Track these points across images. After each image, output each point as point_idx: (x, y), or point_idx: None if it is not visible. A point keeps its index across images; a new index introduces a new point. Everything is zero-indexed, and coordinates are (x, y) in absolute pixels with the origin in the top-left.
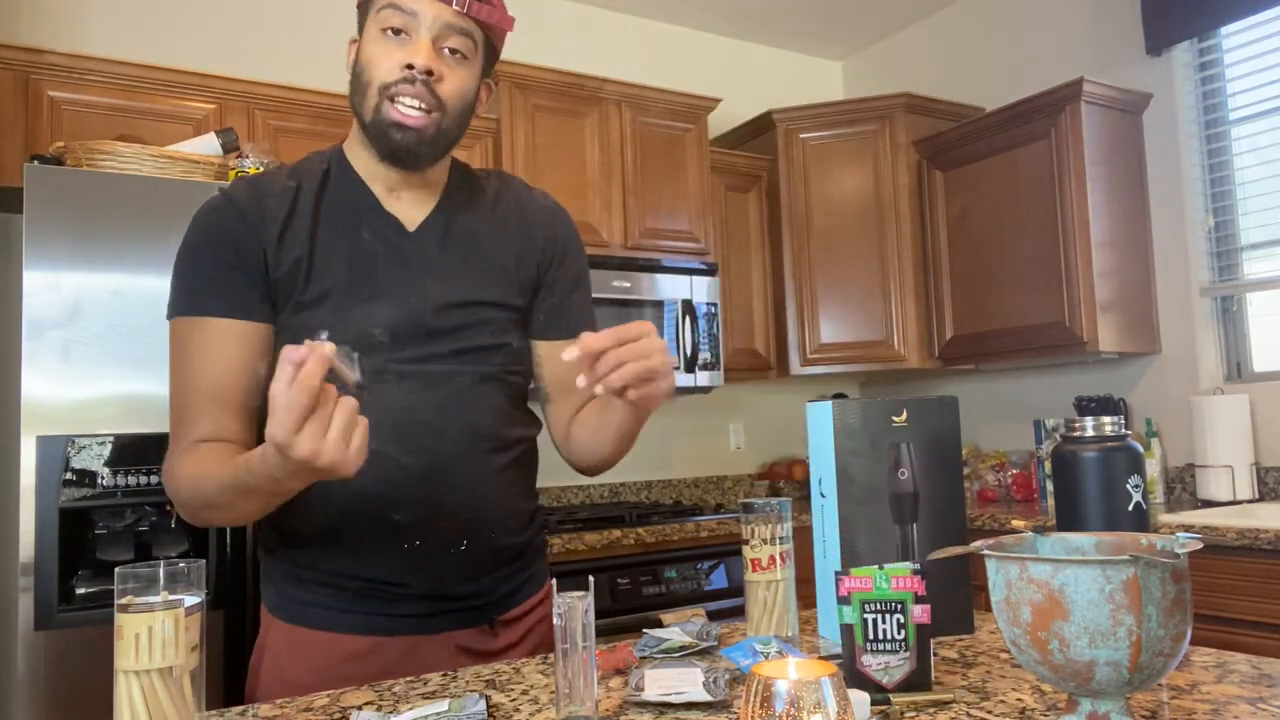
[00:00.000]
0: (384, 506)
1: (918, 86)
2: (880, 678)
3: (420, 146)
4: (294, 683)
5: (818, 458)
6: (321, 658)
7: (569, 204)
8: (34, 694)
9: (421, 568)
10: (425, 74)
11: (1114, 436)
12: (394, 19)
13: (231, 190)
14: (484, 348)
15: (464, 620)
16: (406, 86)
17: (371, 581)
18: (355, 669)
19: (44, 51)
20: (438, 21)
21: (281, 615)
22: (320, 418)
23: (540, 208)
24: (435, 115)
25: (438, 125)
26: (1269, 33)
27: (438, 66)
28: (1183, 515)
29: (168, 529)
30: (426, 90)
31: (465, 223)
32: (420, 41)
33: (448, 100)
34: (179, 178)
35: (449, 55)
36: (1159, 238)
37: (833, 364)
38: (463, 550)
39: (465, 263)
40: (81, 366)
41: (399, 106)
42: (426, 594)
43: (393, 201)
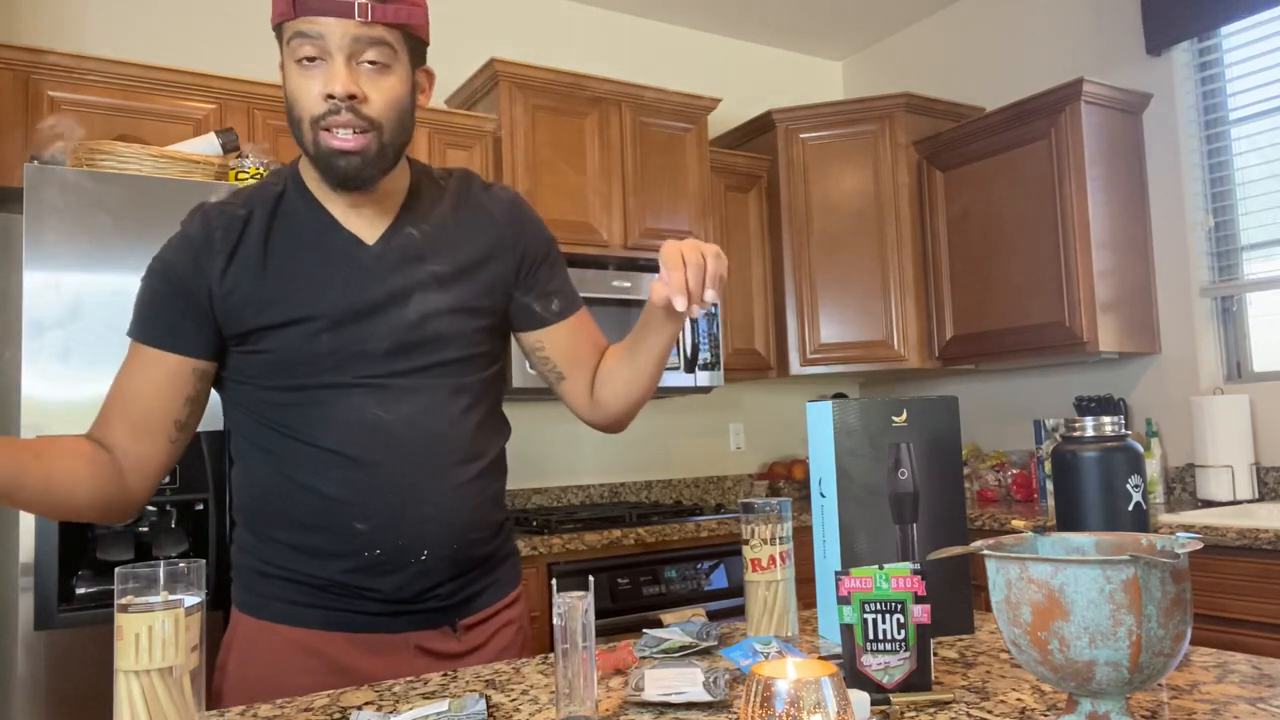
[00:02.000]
0: (348, 515)
1: (918, 86)
2: (880, 678)
3: (366, 168)
4: (256, 676)
5: (818, 458)
6: (285, 652)
7: (569, 204)
8: (34, 694)
9: (382, 574)
10: (348, 99)
11: (1114, 436)
12: (305, 48)
13: (186, 224)
14: (454, 359)
15: (425, 622)
16: (334, 117)
17: (336, 582)
18: (314, 662)
19: (44, 51)
20: (346, 38)
21: (247, 610)
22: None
23: (500, 202)
24: (370, 135)
25: (379, 142)
26: (1269, 33)
27: (358, 88)
28: (1183, 515)
29: (168, 529)
30: (354, 115)
31: (427, 230)
32: (335, 66)
33: (379, 116)
34: (179, 178)
35: (369, 69)
36: (1159, 238)
37: (833, 364)
38: (423, 559)
39: (429, 272)
40: (81, 366)
41: (333, 136)
42: (386, 598)
43: (351, 217)
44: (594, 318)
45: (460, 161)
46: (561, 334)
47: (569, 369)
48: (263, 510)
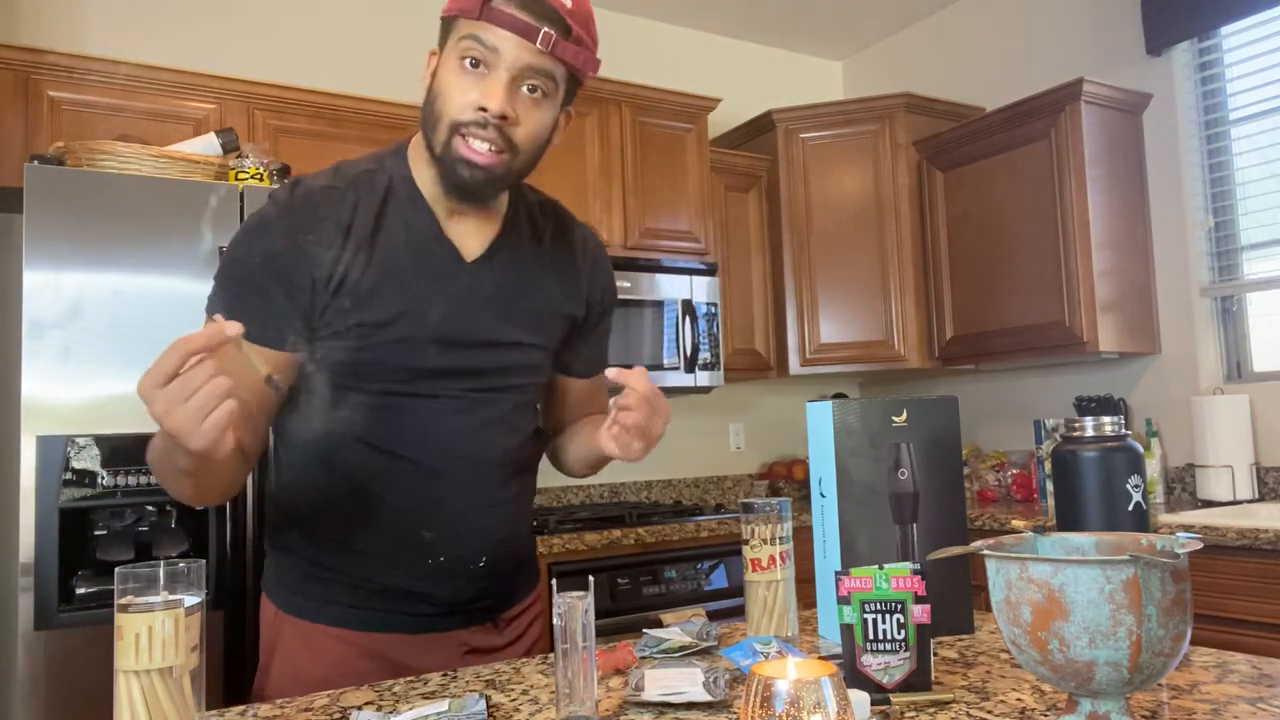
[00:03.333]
0: (417, 524)
1: (918, 86)
2: (880, 678)
3: (488, 186)
4: (308, 678)
5: (818, 458)
6: (336, 654)
7: (569, 204)
8: (34, 694)
9: (443, 580)
10: (499, 118)
11: (1114, 436)
12: (474, 50)
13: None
14: (524, 384)
15: (475, 619)
16: (478, 129)
17: (393, 588)
18: (369, 664)
19: (44, 51)
20: (519, 62)
21: (295, 612)
22: (184, 382)
23: (591, 254)
24: (505, 156)
25: (507, 166)
26: (1269, 33)
27: (512, 110)
28: (1183, 515)
29: (168, 529)
30: (498, 134)
31: (521, 261)
32: (497, 81)
33: (520, 143)
34: (179, 178)
35: (526, 94)
36: (1159, 238)
37: (833, 364)
38: (480, 566)
39: (516, 303)
40: (81, 366)
41: (468, 146)
42: (442, 601)
43: (453, 225)
44: None
45: None
46: (576, 388)
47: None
48: (322, 514)
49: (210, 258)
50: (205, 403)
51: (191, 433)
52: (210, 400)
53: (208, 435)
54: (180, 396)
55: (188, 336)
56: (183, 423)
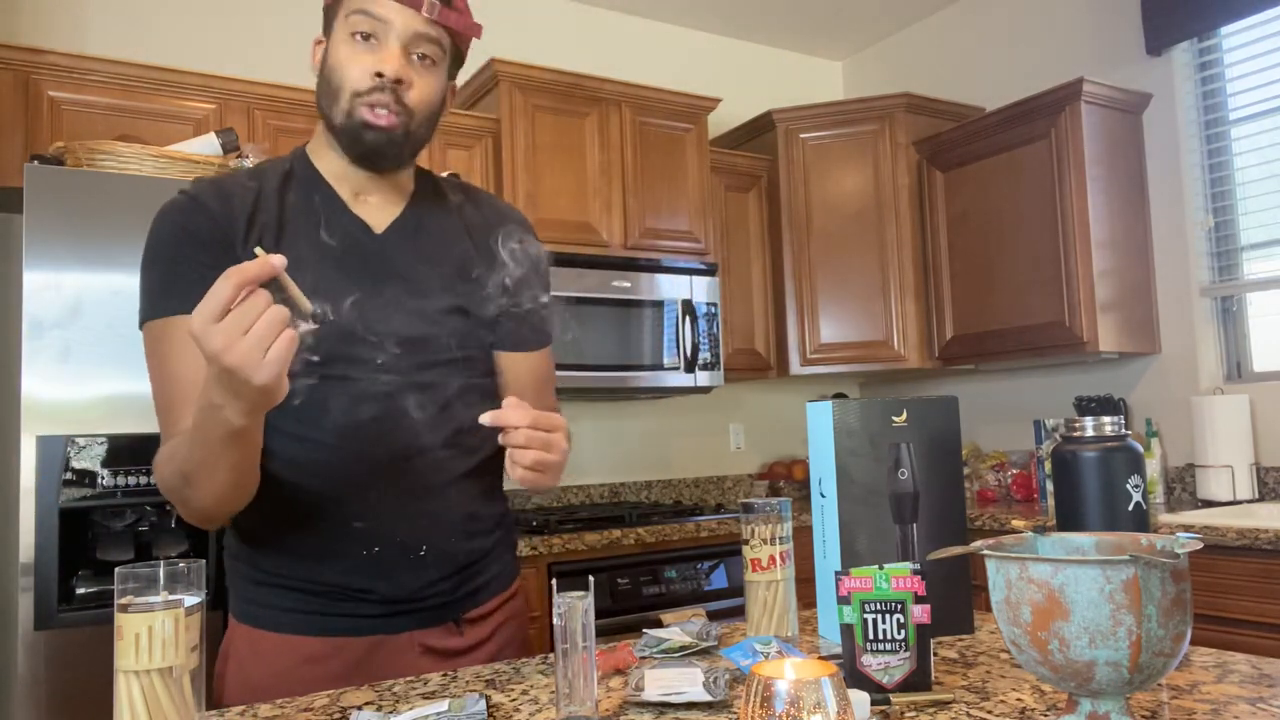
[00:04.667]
0: (344, 513)
1: (918, 86)
2: (880, 678)
3: (390, 147)
4: (256, 687)
5: (818, 458)
6: (283, 661)
7: (569, 204)
8: (34, 694)
9: (382, 573)
10: (395, 82)
11: (1114, 436)
12: (364, 24)
13: (194, 189)
14: (452, 359)
15: (428, 619)
16: (377, 95)
17: (333, 586)
18: (317, 670)
19: (44, 51)
20: (408, 30)
21: (244, 619)
22: (240, 313)
23: (506, 220)
24: (403, 119)
25: (406, 128)
26: (1269, 33)
27: (407, 74)
28: (1183, 515)
29: (168, 529)
30: (393, 98)
31: (432, 227)
32: (390, 49)
33: (415, 107)
34: (179, 178)
35: (418, 61)
36: (1159, 238)
37: (833, 364)
38: (422, 555)
39: (432, 268)
40: (81, 366)
41: (369, 110)
42: (388, 597)
43: (359, 204)
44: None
45: (460, 161)
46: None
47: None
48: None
49: None
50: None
51: (255, 366)
52: (270, 330)
53: (271, 368)
54: (238, 329)
55: (239, 267)
56: (244, 356)
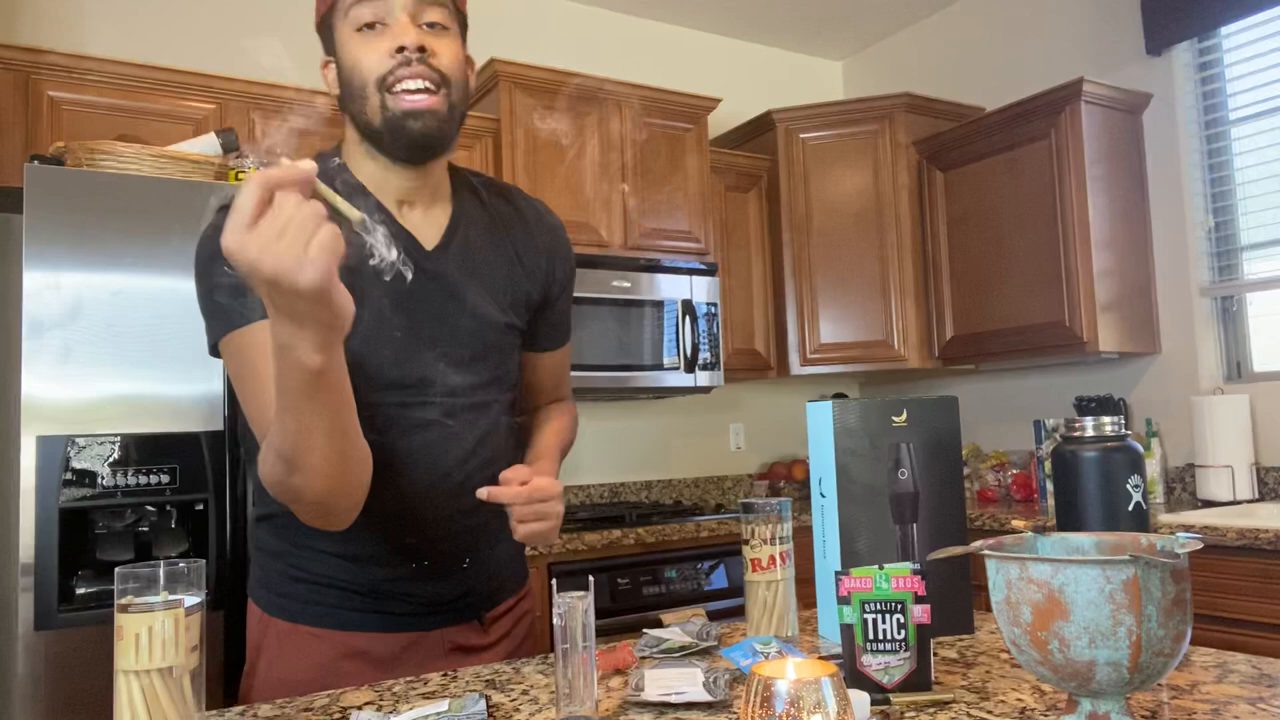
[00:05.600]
0: (400, 528)
1: (918, 86)
2: (880, 678)
3: (441, 128)
4: (292, 680)
5: (818, 458)
6: (320, 655)
7: (569, 204)
8: (34, 694)
9: (427, 581)
10: (418, 51)
11: (1114, 436)
12: (365, 13)
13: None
14: (501, 375)
15: (458, 617)
16: (404, 70)
17: (375, 589)
18: (353, 665)
19: (44, 51)
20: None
21: (278, 614)
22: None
23: (544, 226)
24: (444, 92)
25: (448, 101)
26: (1269, 33)
27: (428, 41)
28: (1183, 515)
29: (168, 529)
30: (426, 67)
31: (477, 240)
32: (400, 23)
33: (449, 72)
34: (179, 178)
35: (429, 30)
36: (1159, 238)
37: (833, 364)
38: (465, 567)
39: (483, 286)
40: (81, 366)
41: (404, 96)
42: (424, 600)
43: (406, 214)
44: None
45: (461, 161)
46: (544, 364)
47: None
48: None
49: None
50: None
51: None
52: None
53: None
54: (273, 232)
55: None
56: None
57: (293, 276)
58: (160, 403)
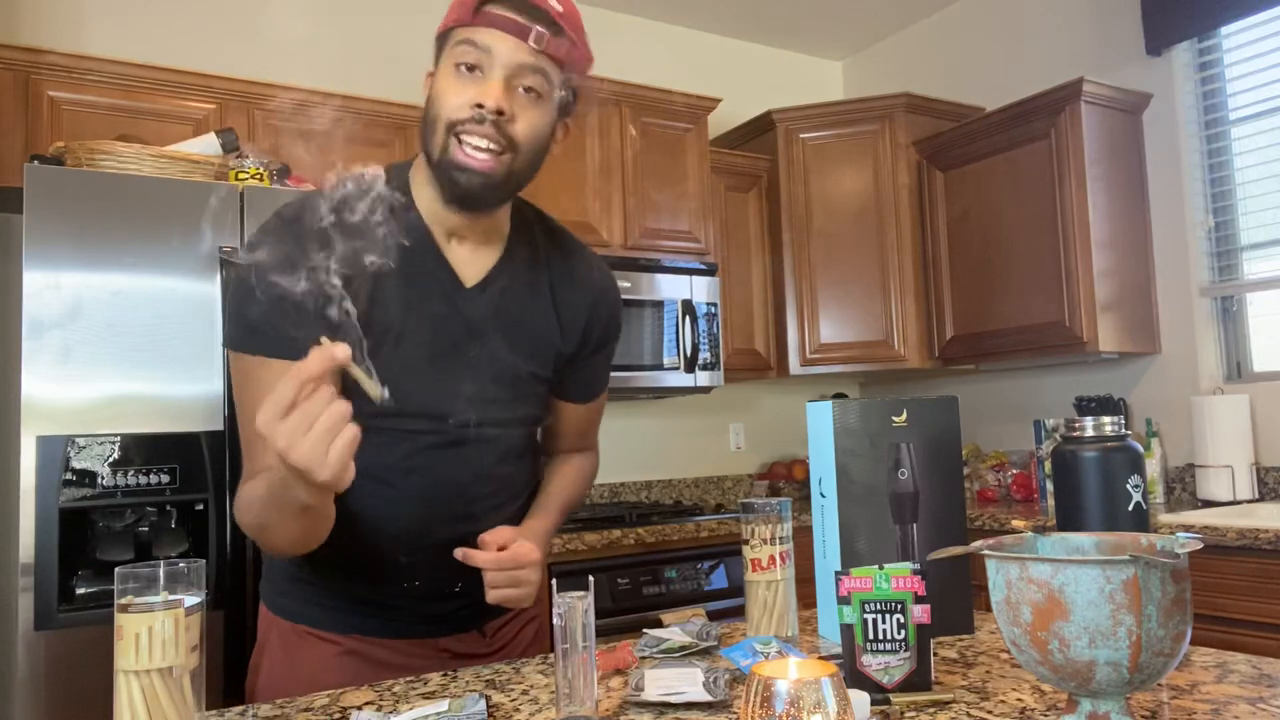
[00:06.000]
0: (394, 547)
1: (918, 86)
2: (880, 678)
3: (486, 191)
4: (293, 678)
5: (818, 458)
6: (318, 655)
7: (569, 204)
8: (34, 694)
9: (418, 598)
10: (496, 114)
11: (1114, 436)
12: (469, 55)
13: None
14: (519, 417)
15: (456, 628)
16: (475, 126)
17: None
18: (353, 665)
19: (44, 51)
20: (513, 61)
21: (281, 614)
22: (303, 412)
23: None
24: (506, 157)
25: (508, 168)
26: (1269, 33)
27: (509, 106)
28: (1183, 515)
29: (168, 529)
30: (495, 130)
31: (518, 288)
32: (493, 80)
33: (520, 140)
34: (179, 178)
35: (523, 94)
36: (1159, 238)
37: (833, 364)
38: (458, 590)
39: (515, 334)
40: (81, 366)
41: (465, 148)
42: (420, 612)
43: (452, 248)
44: None
45: None
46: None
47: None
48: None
49: (210, 258)
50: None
51: (320, 464)
52: (334, 428)
53: (333, 466)
54: (302, 428)
55: (301, 364)
56: (308, 455)
57: (314, 473)
58: (160, 403)
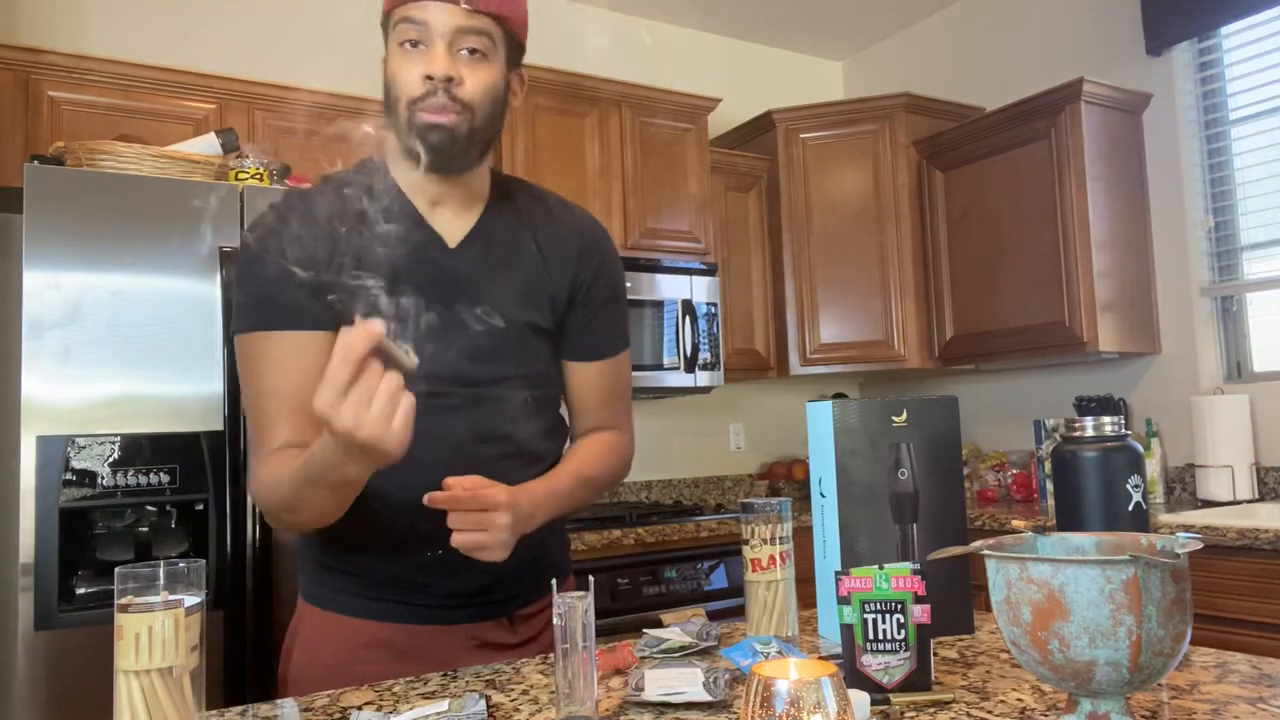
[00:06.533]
0: (412, 516)
1: (918, 86)
2: (880, 678)
3: (454, 145)
4: (324, 664)
5: (818, 458)
6: (350, 642)
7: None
8: (34, 694)
9: (442, 571)
10: (445, 81)
11: (1114, 436)
12: (409, 32)
13: (283, 207)
14: (522, 374)
15: (483, 614)
16: (431, 99)
17: (394, 579)
18: (381, 654)
19: (44, 51)
20: (449, 26)
21: (314, 601)
22: (362, 389)
23: (576, 229)
24: (465, 116)
25: (470, 124)
26: (1269, 33)
27: (456, 71)
28: (1183, 515)
29: (168, 529)
30: (449, 98)
31: (505, 241)
32: (435, 50)
33: (472, 100)
34: (179, 178)
35: (468, 56)
36: (1159, 238)
37: (833, 364)
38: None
39: (504, 284)
40: (81, 366)
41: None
42: (448, 593)
43: (434, 215)
44: None
45: None
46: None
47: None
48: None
49: (210, 258)
50: (389, 405)
51: (385, 436)
52: (393, 399)
53: (399, 435)
54: (365, 404)
55: (349, 343)
56: (374, 429)
57: (383, 445)
58: (160, 403)
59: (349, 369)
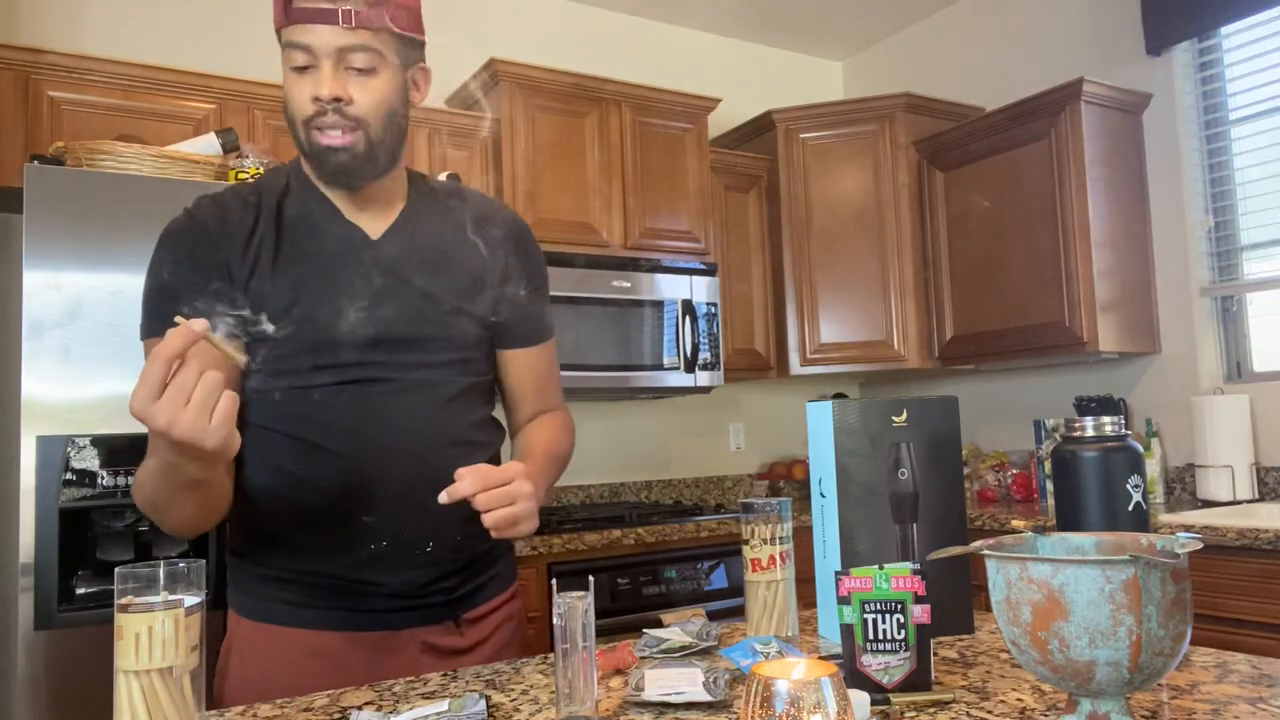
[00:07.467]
0: (353, 509)
1: (918, 86)
2: (880, 678)
3: (355, 163)
4: (258, 681)
5: (818, 458)
6: (287, 654)
7: (569, 204)
8: (34, 694)
9: (389, 567)
10: (333, 101)
11: (1114, 436)
12: (298, 57)
13: (194, 208)
14: (453, 360)
15: (429, 617)
16: (322, 118)
17: (339, 579)
18: (321, 665)
19: (44, 51)
20: (332, 46)
21: (248, 614)
22: (176, 388)
23: (500, 219)
24: (360, 133)
25: (366, 140)
26: (1269, 33)
27: (344, 90)
28: (1183, 515)
29: None
30: (340, 117)
31: (427, 229)
32: (323, 71)
33: (365, 115)
34: (179, 178)
35: (355, 74)
36: (1159, 238)
37: (833, 364)
38: (428, 551)
39: (429, 270)
40: (81, 366)
41: (321, 135)
42: (394, 592)
43: (354, 212)
44: (594, 318)
45: (460, 161)
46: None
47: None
48: (259, 510)
49: None
50: (206, 400)
51: (204, 433)
52: (210, 396)
53: (219, 431)
54: (179, 402)
55: (162, 344)
56: (192, 426)
57: (200, 442)
58: None
59: (161, 368)
